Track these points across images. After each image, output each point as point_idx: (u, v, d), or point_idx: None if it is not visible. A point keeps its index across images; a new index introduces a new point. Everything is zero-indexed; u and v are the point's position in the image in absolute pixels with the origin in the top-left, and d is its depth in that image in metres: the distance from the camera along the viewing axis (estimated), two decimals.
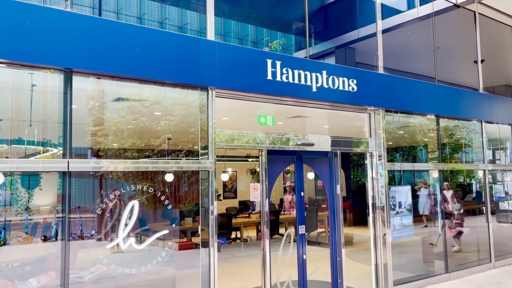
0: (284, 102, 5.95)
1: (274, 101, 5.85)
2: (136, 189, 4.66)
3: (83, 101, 4.67)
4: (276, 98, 5.79)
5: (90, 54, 4.31)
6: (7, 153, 4.23)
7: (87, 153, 4.74)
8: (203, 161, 5.06)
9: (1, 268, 4.37)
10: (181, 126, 5.35)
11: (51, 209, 4.75)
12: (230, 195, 13.89)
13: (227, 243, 9.80)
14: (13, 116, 4.25)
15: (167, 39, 4.87)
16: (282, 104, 6.00)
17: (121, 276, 4.44)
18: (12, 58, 3.94)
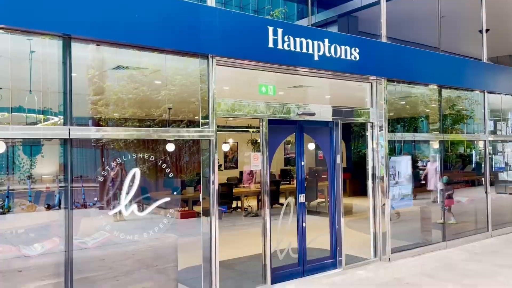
0: (285, 71, 5.89)
1: (275, 70, 5.79)
2: (137, 158, 4.68)
3: (83, 70, 4.63)
4: (277, 66, 5.73)
5: (88, 20, 4.23)
6: (7, 121, 4.23)
7: (87, 122, 4.73)
8: (204, 130, 5.06)
9: (6, 234, 4.44)
10: (181, 96, 5.32)
11: (54, 178, 4.79)
12: (232, 166, 13.97)
13: (228, 212, 9.93)
14: (13, 85, 4.22)
15: (167, 5, 4.77)
16: (284, 73, 5.93)
17: (123, 242, 4.52)
18: (9, 23, 3.88)
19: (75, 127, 4.26)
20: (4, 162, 4.62)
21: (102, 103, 4.81)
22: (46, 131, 4.28)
